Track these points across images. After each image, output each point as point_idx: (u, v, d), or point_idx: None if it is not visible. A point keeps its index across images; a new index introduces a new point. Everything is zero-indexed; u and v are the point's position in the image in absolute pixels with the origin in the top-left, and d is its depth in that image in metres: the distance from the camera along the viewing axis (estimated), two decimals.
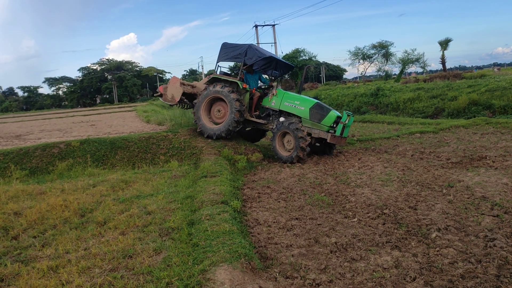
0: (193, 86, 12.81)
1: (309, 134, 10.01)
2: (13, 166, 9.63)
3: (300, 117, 10.28)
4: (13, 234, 5.36)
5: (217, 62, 11.64)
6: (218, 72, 11.75)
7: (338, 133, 9.79)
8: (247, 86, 11.10)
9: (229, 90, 10.89)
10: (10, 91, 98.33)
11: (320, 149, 10.83)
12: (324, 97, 28.52)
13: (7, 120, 30.69)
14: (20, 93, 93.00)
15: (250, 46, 11.13)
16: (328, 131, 9.93)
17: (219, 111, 11.42)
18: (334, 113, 10.01)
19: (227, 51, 11.48)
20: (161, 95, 12.75)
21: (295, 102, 10.42)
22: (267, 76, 12.91)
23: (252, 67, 11.32)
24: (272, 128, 10.66)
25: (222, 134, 11.05)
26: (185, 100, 12.87)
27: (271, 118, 11.06)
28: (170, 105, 12.99)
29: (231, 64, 12.17)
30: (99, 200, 6.74)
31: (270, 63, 11.40)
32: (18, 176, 9.26)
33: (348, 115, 9.82)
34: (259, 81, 12.23)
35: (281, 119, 10.51)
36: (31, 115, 38.93)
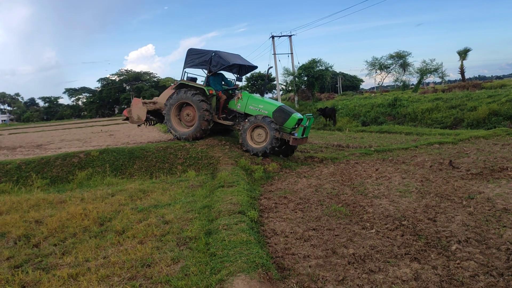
0: (154, 103, 13.25)
1: None
2: (34, 175, 9.86)
3: None
4: (34, 242, 5.47)
5: (183, 69, 11.90)
6: (185, 78, 11.99)
7: (299, 135, 10.48)
8: (213, 91, 11.49)
9: (192, 94, 11.26)
10: (32, 101, 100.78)
11: (283, 150, 11.65)
12: (341, 107, 28.40)
13: (29, 130, 31.38)
14: (41, 103, 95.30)
15: (215, 53, 11.35)
16: (290, 133, 10.61)
17: (188, 115, 11.85)
18: (296, 116, 10.68)
19: (193, 57, 11.71)
20: (127, 119, 13.04)
21: (259, 106, 11.08)
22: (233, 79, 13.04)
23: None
24: (239, 129, 11.16)
25: (197, 134, 11.54)
26: (151, 117, 13.43)
27: (237, 120, 11.60)
28: (138, 125, 13.31)
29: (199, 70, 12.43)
30: (117, 209, 6.83)
31: (234, 67, 11.71)
32: (39, 185, 9.48)
33: (308, 118, 10.59)
34: (222, 82, 12.53)
35: (246, 121, 11.06)
36: (51, 125, 39.72)
